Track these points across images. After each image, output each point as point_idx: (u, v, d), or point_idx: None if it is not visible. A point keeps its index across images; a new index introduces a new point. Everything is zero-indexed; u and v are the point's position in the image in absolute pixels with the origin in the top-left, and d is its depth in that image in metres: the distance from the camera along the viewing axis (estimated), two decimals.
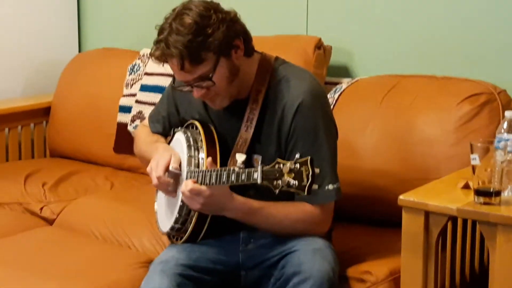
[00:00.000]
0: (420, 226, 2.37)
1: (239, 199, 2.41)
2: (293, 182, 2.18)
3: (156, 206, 2.74)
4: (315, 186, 2.21)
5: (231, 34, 2.46)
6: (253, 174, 2.24)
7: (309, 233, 2.49)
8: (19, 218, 3.22)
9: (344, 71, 3.43)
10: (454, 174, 2.60)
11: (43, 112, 3.88)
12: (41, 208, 3.26)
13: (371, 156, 2.93)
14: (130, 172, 3.52)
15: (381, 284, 2.50)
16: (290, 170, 2.19)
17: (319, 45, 3.28)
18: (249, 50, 2.53)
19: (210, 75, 2.42)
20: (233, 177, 2.31)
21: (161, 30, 2.45)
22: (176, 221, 2.54)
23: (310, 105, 2.50)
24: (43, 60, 4.06)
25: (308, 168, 2.18)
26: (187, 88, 2.51)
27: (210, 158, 2.41)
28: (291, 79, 2.55)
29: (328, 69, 3.34)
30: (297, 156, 2.23)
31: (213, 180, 2.38)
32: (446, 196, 2.39)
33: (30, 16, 4.00)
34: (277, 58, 2.61)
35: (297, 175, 2.18)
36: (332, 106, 3.03)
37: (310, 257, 2.40)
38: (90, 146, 3.70)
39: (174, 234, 2.61)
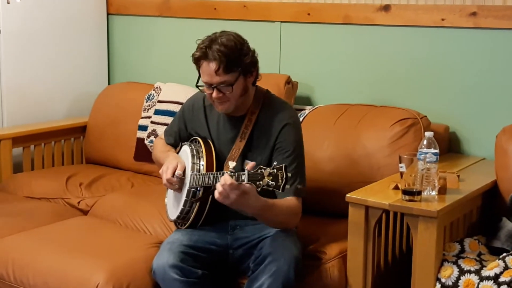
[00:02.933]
0: (361, 217, 2.42)
1: (261, 198, 2.34)
2: (271, 183, 2.23)
3: (166, 200, 2.74)
4: (287, 186, 2.26)
5: (253, 63, 2.51)
6: (241, 176, 2.26)
7: (292, 222, 2.50)
8: (61, 210, 3.19)
9: (307, 101, 3.44)
10: (387, 179, 2.63)
11: (81, 130, 3.84)
12: (78, 202, 3.25)
13: (326, 164, 2.94)
14: (146, 175, 3.50)
15: (332, 260, 2.53)
16: (269, 174, 2.23)
17: (288, 81, 3.30)
18: (255, 81, 2.56)
19: (232, 84, 2.44)
20: (234, 178, 2.28)
21: (206, 40, 2.45)
22: (181, 212, 2.55)
23: (291, 128, 2.55)
24: (81, 90, 4.02)
25: (283, 173, 2.23)
26: (209, 90, 2.48)
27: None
28: (277, 106, 2.59)
29: (295, 99, 3.35)
30: (275, 163, 2.28)
31: (211, 181, 2.40)
32: (381, 195, 2.43)
33: (70, 56, 3.96)
34: (267, 91, 2.64)
35: (274, 177, 2.23)
36: None
37: (281, 241, 2.42)
38: (116, 155, 3.67)
39: (179, 222, 2.61)
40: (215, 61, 2.41)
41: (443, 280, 2.27)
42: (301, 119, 3.10)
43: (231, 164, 2.37)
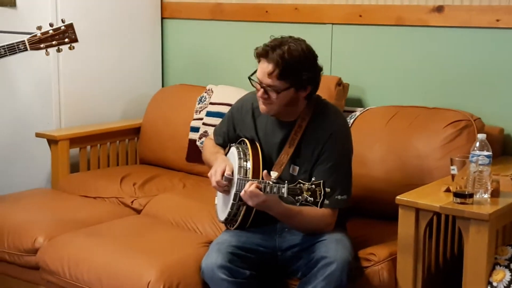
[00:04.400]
0: (411, 220, 2.38)
1: (283, 205, 2.38)
2: (310, 198, 2.25)
3: (215, 201, 2.75)
4: (326, 202, 2.28)
5: (311, 80, 2.48)
6: (281, 189, 2.28)
7: (323, 231, 2.47)
8: (116, 208, 3.24)
9: (358, 102, 3.40)
10: (438, 181, 2.58)
11: (135, 131, 3.88)
12: (132, 201, 3.28)
13: (377, 166, 2.91)
14: (198, 176, 3.51)
15: (382, 263, 2.48)
16: (308, 189, 2.25)
17: (339, 83, 3.27)
18: (310, 96, 2.52)
19: (279, 92, 2.43)
20: (268, 189, 2.34)
21: (277, 40, 2.44)
22: (229, 214, 2.56)
23: (338, 137, 2.52)
24: (136, 93, 4.06)
25: (321, 189, 2.24)
26: (257, 86, 2.47)
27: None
28: (327, 114, 2.57)
29: (346, 100, 3.32)
30: (313, 179, 2.28)
31: None
32: (432, 197, 2.39)
33: (125, 59, 4.00)
34: (318, 97, 2.61)
35: (313, 193, 2.24)
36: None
37: (334, 245, 2.40)
38: (168, 156, 3.69)
39: (228, 223, 2.61)
40: (273, 64, 2.40)
41: (494, 284, 2.22)
42: (351, 121, 3.08)
43: (273, 174, 2.39)
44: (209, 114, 3.51)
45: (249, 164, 2.53)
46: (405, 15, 3.22)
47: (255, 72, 2.50)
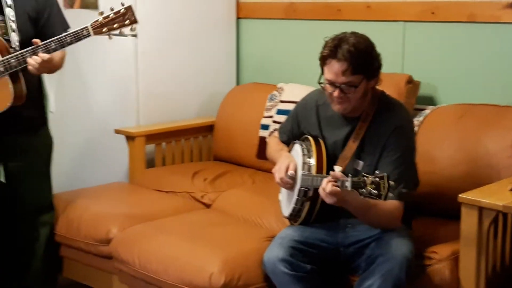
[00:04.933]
0: (474, 218, 2.35)
1: (360, 199, 2.31)
2: (374, 191, 2.22)
3: (280, 197, 2.79)
4: (390, 195, 2.24)
5: (379, 68, 2.50)
6: (345, 183, 2.27)
7: (391, 225, 2.46)
8: (187, 203, 3.30)
9: (429, 100, 3.35)
10: (505, 180, 2.53)
11: (209, 128, 3.94)
12: (202, 196, 3.33)
13: (445, 164, 2.87)
14: (267, 172, 3.46)
15: (444, 261, 2.46)
16: (372, 183, 2.22)
17: (409, 81, 3.23)
18: (375, 85, 2.54)
19: (356, 86, 2.43)
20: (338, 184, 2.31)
21: (336, 38, 2.44)
22: (293, 210, 2.59)
23: (402, 131, 2.51)
24: (211, 90, 4.10)
25: (385, 182, 2.21)
26: (331, 89, 2.46)
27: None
28: (392, 109, 2.56)
29: (417, 98, 3.28)
30: (377, 172, 2.25)
31: (319, 183, 2.38)
32: (497, 196, 2.35)
33: (202, 58, 4.05)
34: (382, 92, 2.61)
35: (377, 186, 2.21)
36: (418, 127, 2.99)
37: (394, 242, 2.39)
38: (240, 153, 3.74)
39: (292, 218, 2.63)
40: (344, 61, 2.40)
41: None
42: (421, 118, 3.06)
43: (337, 168, 2.38)
44: (279, 112, 3.53)
45: (313, 161, 2.55)
46: (478, 11, 3.15)
47: (321, 75, 2.50)
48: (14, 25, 2.85)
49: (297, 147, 2.67)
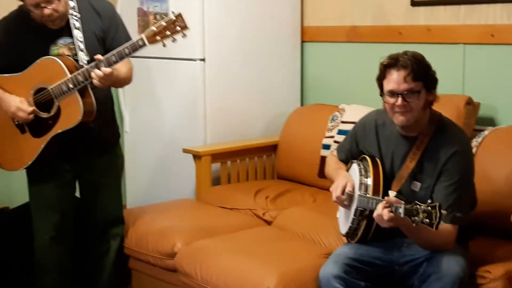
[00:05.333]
0: None
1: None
2: (426, 220, 2.23)
3: (338, 215, 2.82)
4: (442, 223, 2.25)
5: (436, 81, 2.54)
6: (398, 209, 2.29)
7: (444, 248, 2.45)
8: (249, 219, 3.36)
9: (489, 121, 3.34)
10: None
11: (272, 148, 3.98)
12: (264, 213, 3.38)
13: (502, 185, 2.85)
14: (327, 191, 3.38)
15: (497, 281, 2.46)
16: (424, 211, 2.24)
17: (469, 102, 3.23)
18: (433, 102, 2.56)
19: (419, 92, 2.47)
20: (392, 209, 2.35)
21: (393, 55, 2.50)
22: (350, 228, 2.62)
23: (460, 156, 2.52)
24: (275, 111, 4.14)
25: (437, 212, 2.22)
26: (393, 99, 2.47)
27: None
28: (450, 132, 2.57)
29: (477, 119, 3.27)
30: (429, 201, 2.27)
31: (374, 206, 2.42)
32: None
33: (267, 80, 4.11)
34: (441, 114, 2.62)
35: (429, 215, 2.23)
36: (476, 147, 2.99)
37: (447, 261, 2.40)
38: (301, 172, 3.77)
39: (349, 236, 2.67)
40: (405, 68, 2.45)
41: None
42: (480, 139, 3.04)
43: (391, 193, 2.39)
44: (340, 132, 3.56)
45: (370, 181, 2.57)
46: None
47: (382, 87, 2.53)
48: (82, 45, 2.96)
49: (355, 167, 2.69)
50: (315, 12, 4.17)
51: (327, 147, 3.61)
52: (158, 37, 2.76)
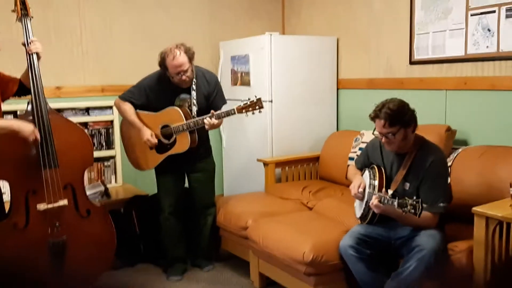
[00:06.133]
0: (483, 224, 2.26)
1: (397, 211, 2.32)
2: (412, 210, 2.20)
3: (355, 204, 2.78)
4: (424, 212, 2.22)
5: (411, 119, 2.45)
6: (393, 202, 2.26)
7: (427, 227, 2.40)
8: (297, 206, 3.31)
9: (462, 142, 3.20)
10: (509, 199, 2.37)
11: (316, 159, 3.93)
12: (307, 202, 3.28)
13: (470, 186, 2.72)
14: None
15: (462, 253, 2.36)
16: (411, 204, 2.21)
17: (448, 129, 3.10)
18: (414, 130, 2.49)
19: (394, 134, 2.43)
20: (385, 201, 2.34)
21: (380, 104, 2.47)
22: (362, 214, 2.60)
23: (436, 163, 2.45)
24: (318, 134, 4.07)
25: (420, 205, 2.19)
26: (380, 136, 2.46)
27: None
28: (429, 149, 2.50)
29: (453, 141, 3.14)
30: (414, 198, 2.23)
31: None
32: (499, 210, 2.25)
33: (312, 113, 4.04)
34: (423, 137, 2.55)
35: (414, 207, 2.20)
36: (453, 160, 2.86)
37: (427, 238, 2.35)
38: (334, 175, 3.71)
39: (362, 219, 2.63)
40: (383, 119, 2.43)
41: None
42: (455, 155, 2.91)
43: (389, 191, 2.38)
44: (360, 149, 3.48)
45: (376, 182, 2.55)
46: (496, 82, 2.99)
47: (374, 129, 2.52)
48: (195, 101, 3.05)
49: (366, 172, 2.67)
50: (346, 69, 4.12)
51: (352, 158, 3.55)
52: (243, 111, 2.88)
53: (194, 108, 3.05)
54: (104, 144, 3.82)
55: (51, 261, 2.50)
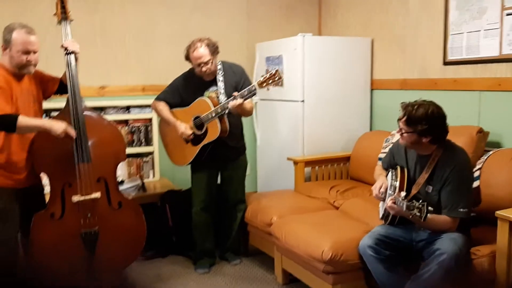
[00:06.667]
0: (506, 228, 2.19)
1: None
2: (417, 214, 2.18)
3: (380, 204, 2.74)
4: (430, 215, 2.19)
5: (428, 131, 2.38)
6: (403, 204, 2.24)
7: (446, 231, 2.35)
8: (323, 205, 3.30)
9: (495, 145, 3.07)
10: None
11: (347, 158, 3.89)
12: (334, 201, 3.31)
13: (499, 189, 2.62)
14: None
15: (485, 257, 2.29)
16: (417, 208, 2.19)
17: (480, 131, 2.99)
18: (432, 141, 2.40)
19: (408, 133, 2.40)
20: (398, 203, 2.31)
21: (415, 101, 2.43)
22: (383, 215, 2.57)
23: (460, 168, 2.39)
24: (351, 134, 3.99)
25: (425, 208, 2.17)
26: (399, 134, 2.46)
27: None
28: (453, 153, 2.44)
29: (486, 143, 3.02)
30: (421, 201, 2.21)
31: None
32: None
33: (347, 113, 4.00)
34: (449, 141, 2.49)
35: (420, 210, 2.19)
36: (483, 163, 2.76)
37: (448, 241, 2.29)
38: (364, 175, 3.65)
39: (384, 219, 2.60)
40: (404, 114, 2.42)
41: None
42: (486, 157, 2.81)
43: (402, 193, 2.34)
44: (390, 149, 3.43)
45: (397, 183, 2.51)
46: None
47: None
48: (222, 91, 3.10)
49: (390, 173, 2.64)
50: (379, 69, 4.05)
51: (381, 159, 3.39)
52: (264, 84, 2.85)
53: (222, 98, 3.09)
54: (143, 140, 3.95)
55: (83, 249, 2.60)
